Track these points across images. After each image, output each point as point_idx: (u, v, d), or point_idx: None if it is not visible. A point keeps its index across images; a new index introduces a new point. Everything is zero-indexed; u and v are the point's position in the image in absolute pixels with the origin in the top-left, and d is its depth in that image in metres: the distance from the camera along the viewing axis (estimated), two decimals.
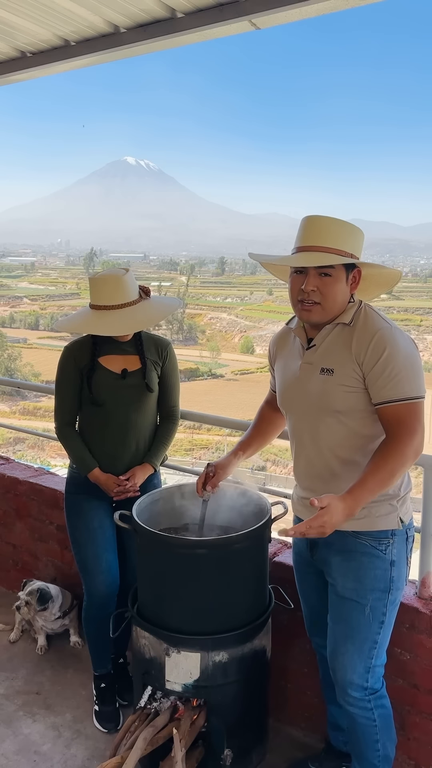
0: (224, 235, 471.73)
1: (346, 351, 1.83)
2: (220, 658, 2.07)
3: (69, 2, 2.58)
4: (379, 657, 1.95)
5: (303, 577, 2.18)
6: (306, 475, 2.01)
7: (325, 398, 1.86)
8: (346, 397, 1.83)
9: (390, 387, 1.76)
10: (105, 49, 2.90)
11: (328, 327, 1.90)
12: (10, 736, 2.54)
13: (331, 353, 1.87)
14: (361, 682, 1.93)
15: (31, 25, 2.84)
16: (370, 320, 1.84)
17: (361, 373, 1.81)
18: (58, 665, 2.99)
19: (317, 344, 1.92)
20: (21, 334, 77.53)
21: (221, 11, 2.50)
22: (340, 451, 1.89)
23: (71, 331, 2.60)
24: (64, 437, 2.57)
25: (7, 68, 3.33)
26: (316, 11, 2.37)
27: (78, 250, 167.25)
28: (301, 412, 1.96)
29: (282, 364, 2.09)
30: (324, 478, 1.94)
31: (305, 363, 1.94)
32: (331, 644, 1.99)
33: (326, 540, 1.95)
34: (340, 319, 1.87)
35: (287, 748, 2.46)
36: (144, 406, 2.52)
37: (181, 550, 2.05)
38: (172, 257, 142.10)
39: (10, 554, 3.63)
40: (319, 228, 1.84)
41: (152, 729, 2.06)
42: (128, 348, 2.52)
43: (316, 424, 1.91)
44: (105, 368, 2.48)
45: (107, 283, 2.39)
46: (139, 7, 2.57)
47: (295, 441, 2.04)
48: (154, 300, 2.50)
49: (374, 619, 1.90)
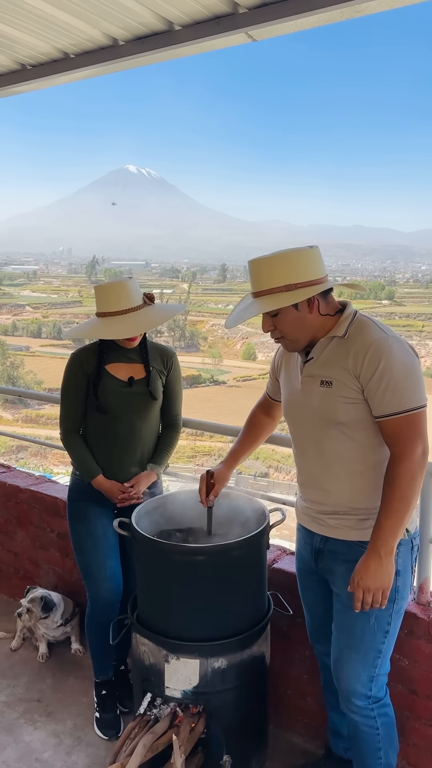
0: (225, 243, 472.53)
1: (343, 363, 1.83)
2: (219, 664, 2.08)
3: (68, 16, 2.61)
4: (382, 666, 1.95)
5: (307, 585, 2.18)
6: (310, 486, 2.02)
7: (326, 410, 1.87)
8: (347, 408, 1.84)
9: (387, 400, 1.76)
10: (104, 62, 2.93)
11: (322, 341, 1.90)
12: (12, 743, 2.55)
13: (329, 365, 1.88)
14: (365, 690, 1.94)
15: (31, 38, 2.88)
16: (365, 331, 1.83)
17: (360, 386, 1.81)
18: (59, 673, 3.00)
19: (315, 357, 1.92)
20: (23, 342, 77.68)
21: (218, 24, 2.53)
22: (345, 462, 1.90)
23: (80, 336, 2.64)
24: (68, 444, 2.59)
25: (7, 81, 3.36)
26: (311, 23, 2.39)
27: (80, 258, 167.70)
28: (304, 424, 1.98)
29: (286, 376, 2.11)
30: (327, 490, 1.95)
31: (306, 376, 1.95)
32: (335, 653, 2.00)
33: (331, 549, 1.97)
34: (334, 332, 1.87)
35: (287, 755, 2.46)
36: (148, 414, 2.55)
37: (179, 556, 2.06)
38: (173, 265, 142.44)
39: (11, 562, 3.64)
40: (256, 272, 1.87)
41: (152, 735, 2.07)
42: (134, 356, 2.55)
43: (320, 437, 1.92)
44: (112, 375, 2.51)
45: (112, 290, 2.43)
46: (137, 21, 2.60)
47: (298, 452, 2.05)
48: (158, 305, 2.54)
49: (379, 629, 1.90)
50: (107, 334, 2.42)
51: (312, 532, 2.03)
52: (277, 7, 2.38)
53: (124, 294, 2.41)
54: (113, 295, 2.42)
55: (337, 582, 1.97)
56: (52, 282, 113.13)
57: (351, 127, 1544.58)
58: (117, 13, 2.54)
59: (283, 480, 35.34)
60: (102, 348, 2.53)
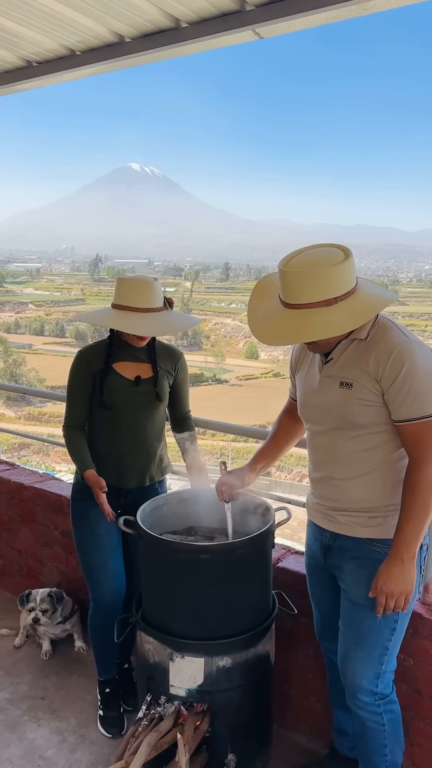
0: (229, 241, 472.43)
1: (364, 366, 1.81)
2: (224, 663, 2.08)
3: (74, 13, 2.61)
4: (389, 663, 1.95)
5: (316, 581, 2.18)
6: (323, 485, 2.01)
7: (345, 412, 1.86)
8: (366, 411, 1.83)
9: (408, 404, 1.75)
10: (110, 59, 2.93)
11: (343, 342, 1.88)
12: (15, 740, 2.55)
13: (350, 367, 1.86)
14: (371, 687, 1.94)
15: (37, 35, 2.87)
16: (387, 335, 1.81)
17: (380, 389, 1.80)
18: (62, 670, 3.00)
19: (335, 358, 1.91)
20: (26, 339, 77.83)
21: (225, 21, 2.52)
22: (359, 462, 1.89)
23: (94, 323, 2.59)
24: (69, 437, 2.56)
25: (13, 78, 3.36)
26: (318, 21, 2.39)
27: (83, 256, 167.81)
28: (321, 423, 1.97)
29: (303, 374, 2.08)
30: (339, 488, 1.94)
31: (325, 377, 1.93)
32: (342, 649, 2.00)
33: (341, 546, 1.97)
34: (356, 334, 1.85)
35: (291, 754, 2.46)
36: (154, 414, 2.54)
37: (184, 555, 2.06)
38: (176, 263, 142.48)
39: (15, 559, 3.65)
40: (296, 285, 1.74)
41: (156, 734, 2.07)
42: (142, 356, 2.54)
43: (335, 437, 1.92)
44: (119, 374, 2.49)
45: (137, 286, 2.39)
46: (144, 18, 2.60)
47: (314, 451, 2.04)
48: (176, 312, 2.52)
49: (386, 626, 1.90)
50: (125, 326, 2.37)
51: (322, 529, 2.03)
52: (285, 5, 2.37)
53: (148, 292, 2.38)
54: (137, 291, 2.38)
55: (345, 578, 1.97)
56: (55, 280, 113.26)
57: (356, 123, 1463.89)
58: (124, 10, 2.54)
59: (284, 479, 35.33)
60: (111, 345, 2.51)
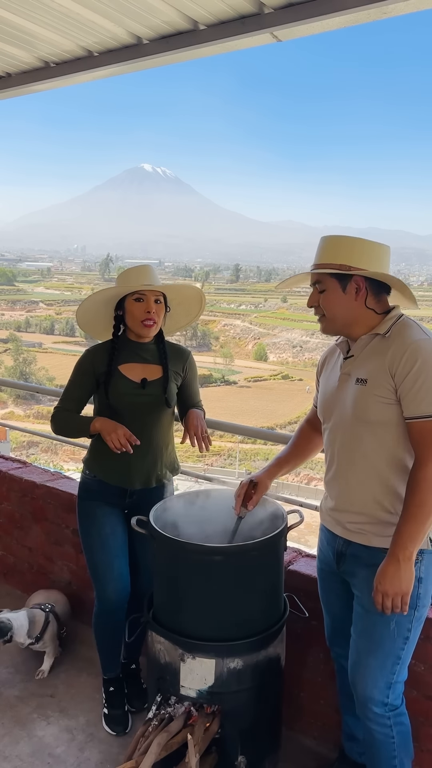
0: (239, 243, 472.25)
1: (381, 361, 1.83)
2: (235, 664, 2.08)
3: (93, 14, 2.62)
4: (400, 673, 1.93)
5: (327, 587, 2.17)
6: (336, 485, 2.01)
7: (359, 408, 1.87)
8: (381, 408, 1.83)
9: (419, 401, 1.76)
10: (127, 60, 2.94)
11: (365, 338, 1.91)
12: (25, 737, 2.56)
13: (367, 363, 1.88)
14: (382, 698, 1.92)
15: (55, 35, 2.89)
16: (406, 332, 1.83)
17: (394, 385, 1.80)
18: (72, 669, 3.01)
19: (355, 354, 1.93)
20: (36, 338, 78.13)
21: (243, 24, 2.53)
22: (371, 462, 1.89)
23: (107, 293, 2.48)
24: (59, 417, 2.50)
25: (30, 78, 3.38)
26: (337, 24, 2.39)
27: (94, 256, 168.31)
28: (336, 421, 1.98)
29: (326, 376, 2.12)
30: (353, 488, 1.94)
31: (343, 373, 1.96)
32: (353, 656, 1.98)
33: (354, 553, 1.96)
34: (377, 329, 1.89)
35: (300, 757, 2.46)
36: (161, 416, 2.51)
37: (197, 556, 2.06)
38: (187, 264, 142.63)
39: (26, 557, 3.66)
40: (322, 247, 1.95)
41: (166, 734, 2.07)
42: (148, 357, 2.51)
43: (349, 435, 1.92)
44: (124, 376, 2.46)
45: (134, 268, 2.48)
46: (162, 20, 2.61)
47: (329, 451, 2.04)
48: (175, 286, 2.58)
49: (399, 635, 1.89)
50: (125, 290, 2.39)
51: (335, 535, 2.02)
52: (303, 8, 2.37)
53: (145, 271, 2.45)
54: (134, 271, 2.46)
55: (358, 585, 1.96)
56: (65, 279, 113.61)
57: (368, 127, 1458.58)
58: (142, 11, 2.55)
59: (292, 481, 35.27)
60: (114, 346, 2.48)
